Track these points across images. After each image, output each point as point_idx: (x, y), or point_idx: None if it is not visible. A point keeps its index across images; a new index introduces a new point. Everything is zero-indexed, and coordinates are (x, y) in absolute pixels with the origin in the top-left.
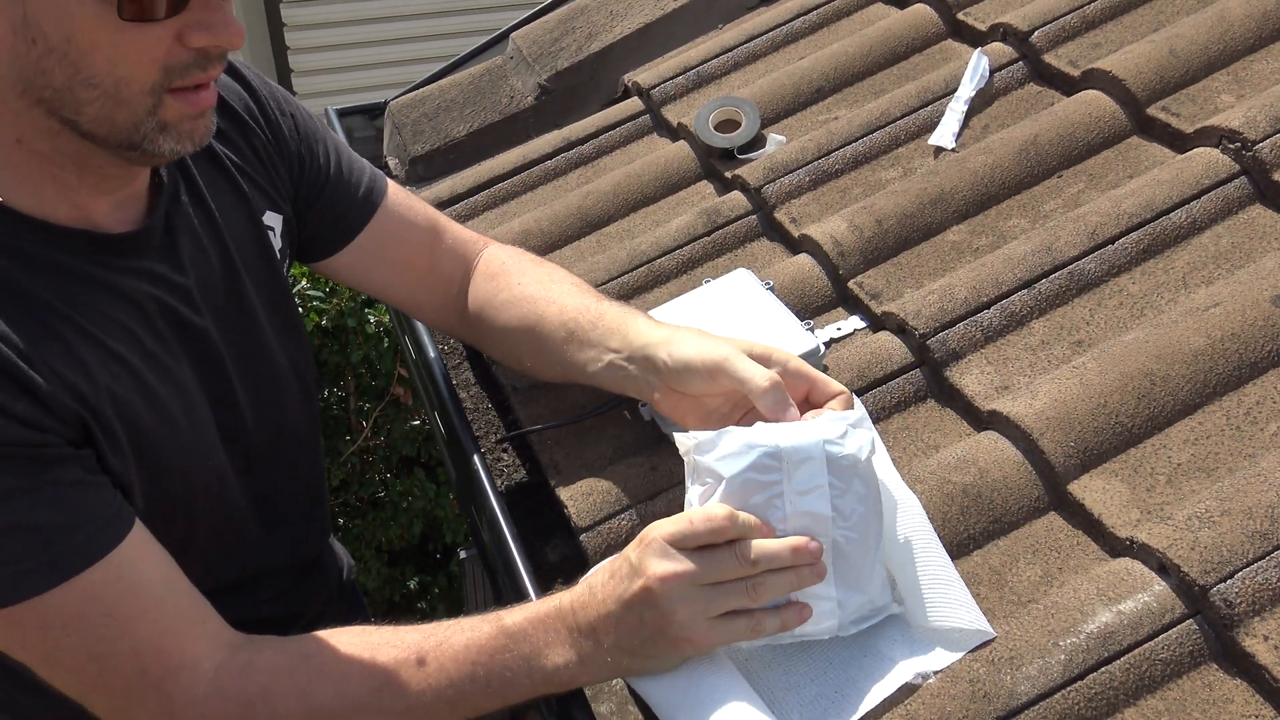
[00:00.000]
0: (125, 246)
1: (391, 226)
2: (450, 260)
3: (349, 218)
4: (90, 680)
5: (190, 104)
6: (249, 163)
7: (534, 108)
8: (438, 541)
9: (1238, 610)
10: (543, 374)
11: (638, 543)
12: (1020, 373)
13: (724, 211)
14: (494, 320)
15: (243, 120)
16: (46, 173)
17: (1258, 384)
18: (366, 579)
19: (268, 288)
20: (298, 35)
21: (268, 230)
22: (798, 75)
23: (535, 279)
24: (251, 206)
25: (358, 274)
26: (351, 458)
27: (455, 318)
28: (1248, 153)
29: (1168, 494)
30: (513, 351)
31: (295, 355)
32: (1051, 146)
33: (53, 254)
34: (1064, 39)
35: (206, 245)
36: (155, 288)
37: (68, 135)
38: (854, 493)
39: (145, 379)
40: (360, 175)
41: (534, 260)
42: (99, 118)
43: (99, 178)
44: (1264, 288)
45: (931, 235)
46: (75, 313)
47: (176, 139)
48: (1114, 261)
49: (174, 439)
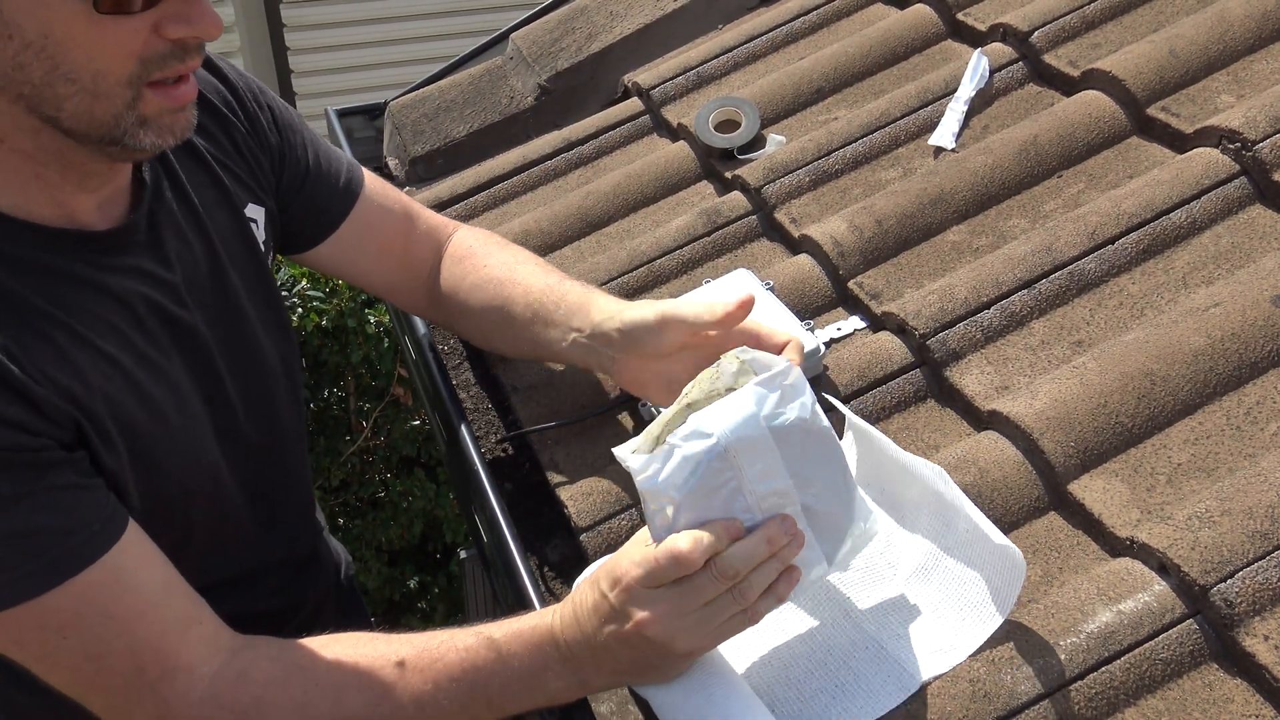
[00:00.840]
0: (110, 244)
1: (370, 216)
2: (422, 245)
3: (331, 210)
4: (88, 680)
5: (170, 98)
6: (229, 156)
7: (534, 108)
8: (438, 541)
9: (1238, 610)
10: (511, 352)
11: (613, 584)
12: (1020, 373)
13: (724, 212)
14: (464, 303)
15: (221, 113)
16: (30, 172)
17: (1258, 384)
18: (367, 579)
19: (253, 281)
20: (298, 36)
21: (250, 223)
22: (798, 75)
23: (501, 261)
24: (233, 200)
25: (338, 263)
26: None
27: (426, 300)
28: (1248, 153)
29: (1168, 494)
30: (482, 331)
31: (282, 348)
32: (1051, 147)
33: (40, 255)
34: (1064, 39)
35: (191, 240)
36: (143, 285)
37: (49, 133)
38: (808, 455)
39: (137, 379)
40: (339, 166)
41: (499, 243)
42: (79, 113)
43: (81, 175)
44: (1264, 288)
45: (931, 235)
46: (65, 315)
47: (157, 133)
48: (1114, 261)
49: (168, 438)
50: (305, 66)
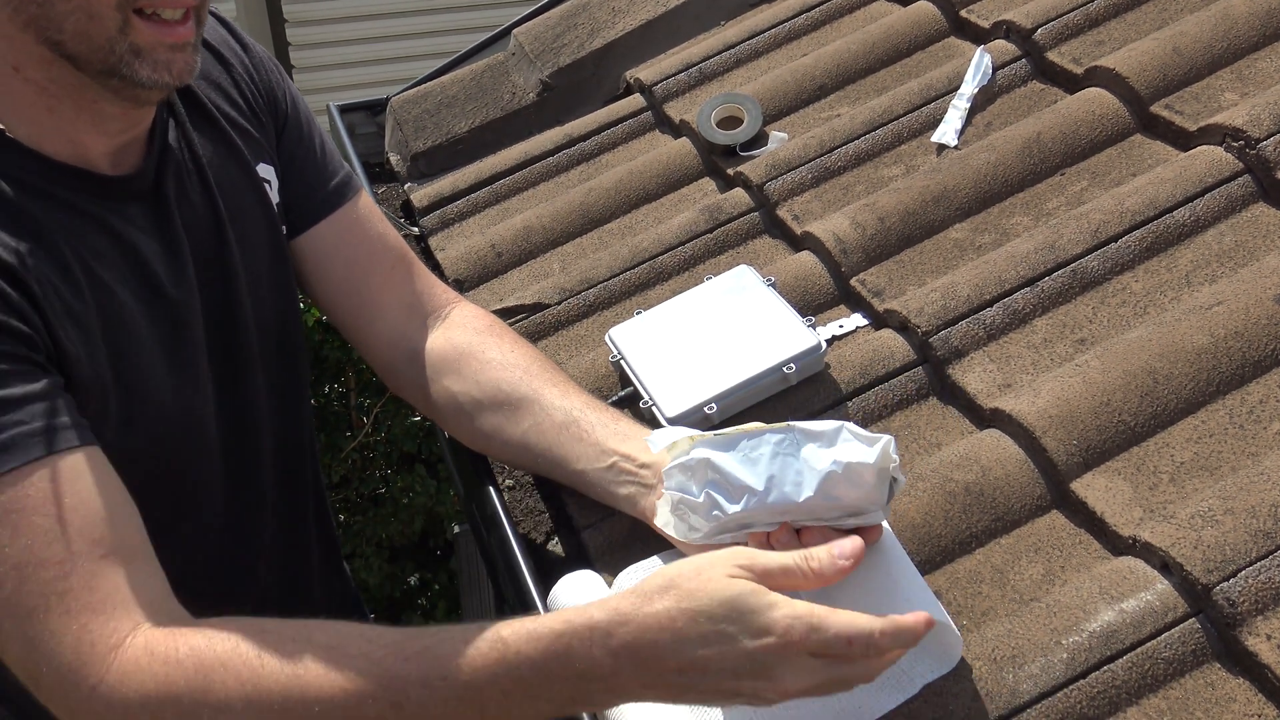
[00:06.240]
0: (115, 189)
1: (355, 228)
2: (413, 294)
3: (322, 194)
4: (8, 600)
5: (162, 32)
6: (245, 116)
7: (536, 104)
8: (438, 538)
9: (1240, 609)
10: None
11: (757, 632)
12: (1023, 371)
13: (726, 209)
14: (461, 404)
15: (238, 74)
16: (44, 104)
17: (1261, 382)
18: (367, 575)
19: (264, 236)
20: (299, 31)
21: (264, 183)
22: (800, 72)
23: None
24: (244, 158)
25: (310, 265)
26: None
27: (404, 361)
28: (1251, 151)
29: (1170, 492)
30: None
31: (284, 307)
32: (1054, 144)
33: (47, 185)
34: (1067, 36)
35: (194, 196)
36: (143, 232)
37: (61, 65)
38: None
39: (132, 312)
40: (338, 167)
41: (511, 341)
42: (77, 33)
43: (95, 115)
44: (1267, 286)
45: (934, 233)
46: (72, 239)
47: (153, 68)
48: (1117, 259)
49: (151, 372)
50: (307, 62)
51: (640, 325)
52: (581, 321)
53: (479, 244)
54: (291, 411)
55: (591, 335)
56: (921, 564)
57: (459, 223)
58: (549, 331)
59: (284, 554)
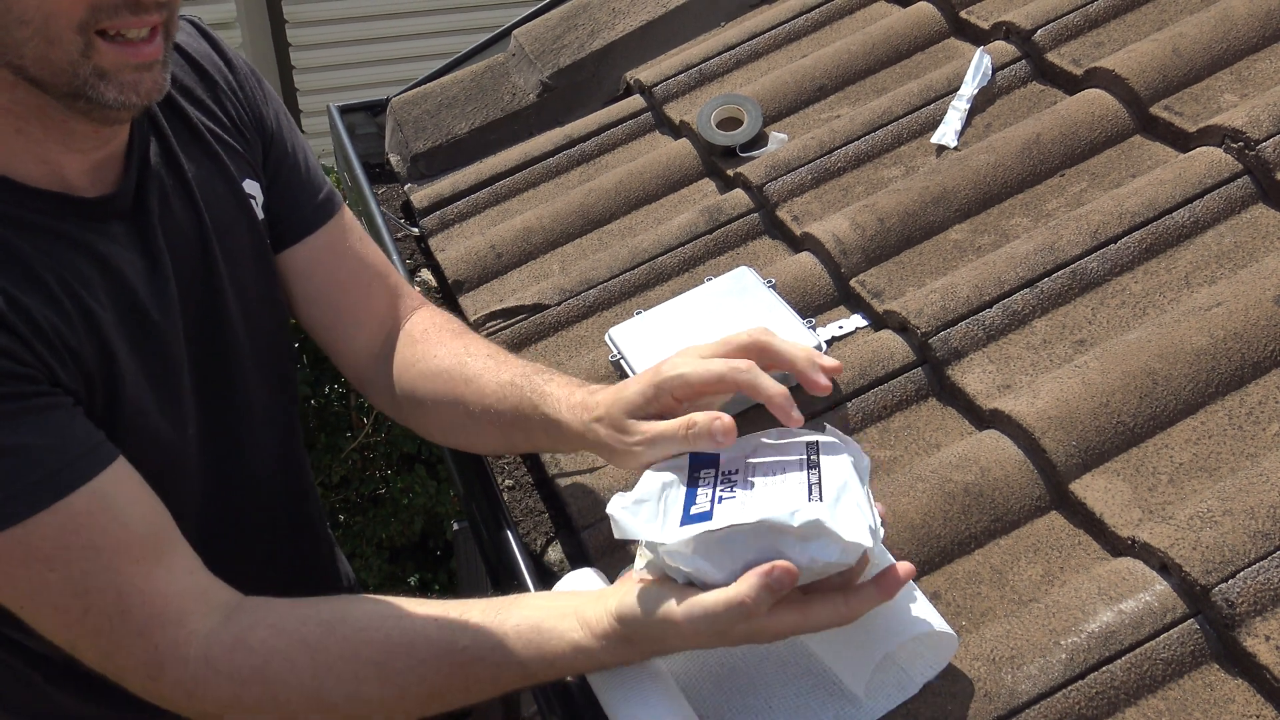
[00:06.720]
0: (96, 210)
1: (337, 245)
2: (388, 309)
3: (305, 211)
4: (75, 621)
5: (127, 53)
6: (228, 131)
7: (536, 105)
8: (438, 538)
9: (1239, 610)
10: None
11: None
12: (1022, 371)
13: (726, 209)
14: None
15: (220, 89)
16: (12, 127)
17: (1260, 384)
18: (367, 576)
19: (250, 252)
20: (300, 31)
21: (249, 199)
22: (800, 73)
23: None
24: (230, 174)
25: (290, 280)
26: (352, 454)
27: (375, 372)
28: (1251, 152)
29: (1169, 493)
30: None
31: (273, 321)
32: (1054, 145)
33: (23, 213)
34: (1067, 37)
35: (178, 213)
36: (127, 250)
37: (25, 87)
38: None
39: (119, 337)
40: (321, 183)
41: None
42: (37, 58)
43: (65, 134)
44: (1267, 287)
45: (934, 234)
46: (52, 264)
47: (120, 89)
48: (1116, 260)
49: (147, 405)
50: (307, 62)
51: (640, 325)
52: (581, 322)
53: (479, 245)
54: (281, 425)
55: (591, 336)
56: (920, 564)
57: (459, 223)
58: (549, 332)
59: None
